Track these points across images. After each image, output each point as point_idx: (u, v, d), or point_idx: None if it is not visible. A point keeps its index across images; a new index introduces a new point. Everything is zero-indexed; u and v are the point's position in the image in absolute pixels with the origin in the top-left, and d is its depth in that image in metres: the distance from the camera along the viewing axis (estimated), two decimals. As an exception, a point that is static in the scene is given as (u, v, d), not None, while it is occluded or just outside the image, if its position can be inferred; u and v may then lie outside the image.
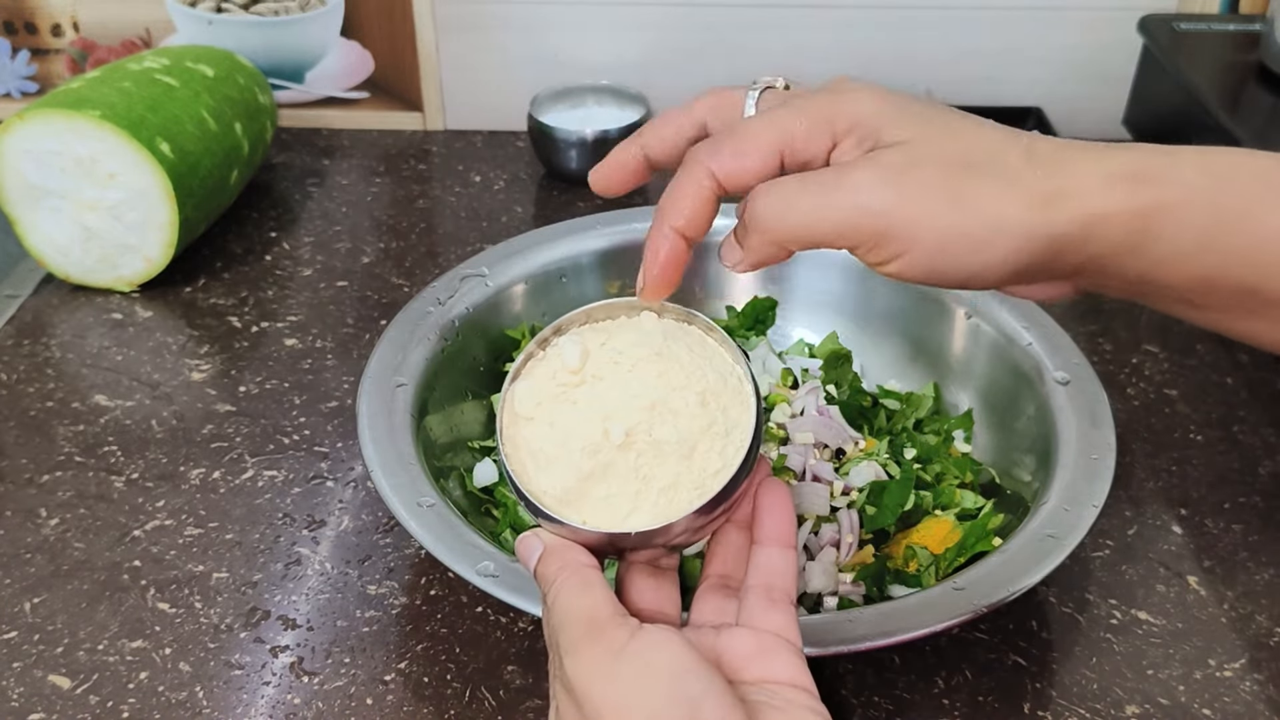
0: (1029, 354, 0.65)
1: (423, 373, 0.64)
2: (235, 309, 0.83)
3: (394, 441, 0.59)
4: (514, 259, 0.72)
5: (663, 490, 0.41)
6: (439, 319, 0.67)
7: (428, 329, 0.66)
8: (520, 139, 1.05)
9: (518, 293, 0.72)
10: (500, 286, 0.71)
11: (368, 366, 0.63)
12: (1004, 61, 1.03)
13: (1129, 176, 0.39)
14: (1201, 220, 0.39)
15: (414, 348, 0.65)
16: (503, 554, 0.53)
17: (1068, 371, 0.63)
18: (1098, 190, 0.39)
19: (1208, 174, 0.39)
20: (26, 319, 0.82)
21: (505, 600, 0.51)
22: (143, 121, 0.80)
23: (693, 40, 1.03)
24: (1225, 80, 0.89)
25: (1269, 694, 0.56)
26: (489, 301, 0.70)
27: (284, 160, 1.03)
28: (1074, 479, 0.57)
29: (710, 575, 0.45)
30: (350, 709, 0.55)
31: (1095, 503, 0.55)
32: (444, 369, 0.66)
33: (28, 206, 0.83)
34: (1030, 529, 0.55)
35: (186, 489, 0.68)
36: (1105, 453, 0.58)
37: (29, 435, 0.71)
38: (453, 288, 0.69)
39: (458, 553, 0.53)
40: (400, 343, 0.65)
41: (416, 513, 0.55)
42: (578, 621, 0.38)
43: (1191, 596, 0.62)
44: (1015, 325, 0.67)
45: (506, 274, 0.71)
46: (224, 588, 0.61)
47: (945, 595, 0.51)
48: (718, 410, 0.41)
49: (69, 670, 0.57)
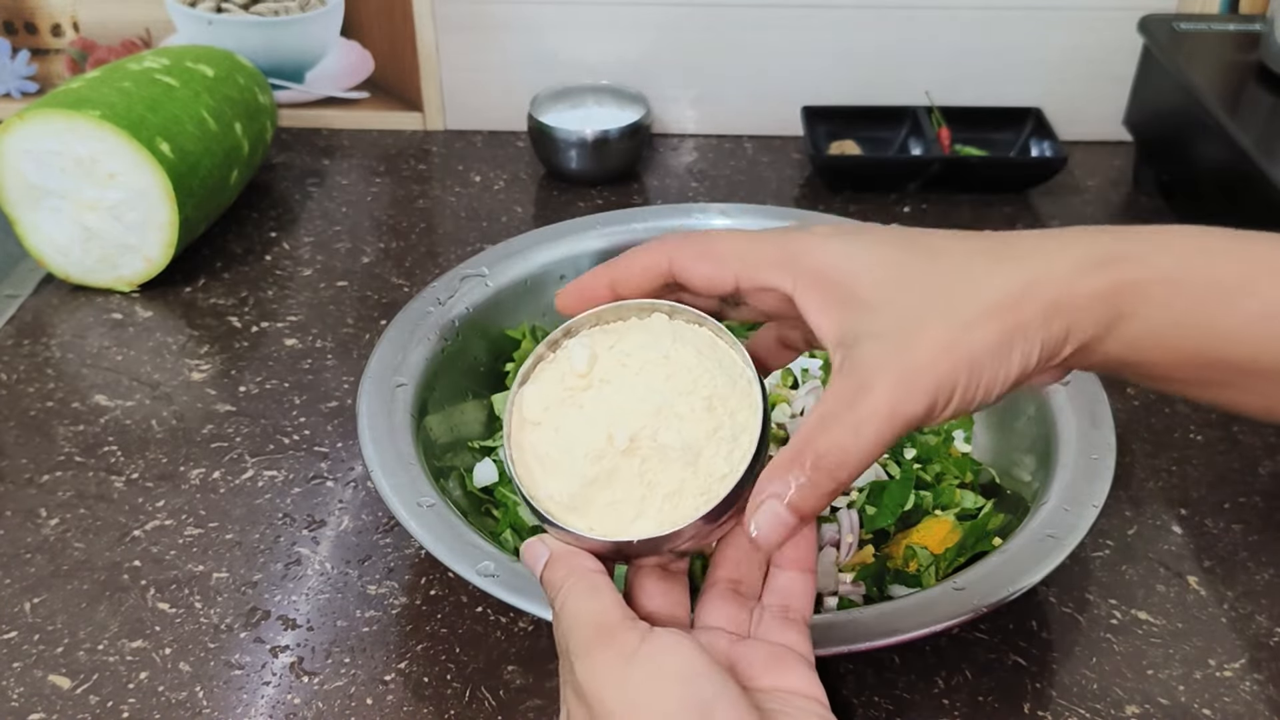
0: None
1: (423, 373, 0.64)
2: (235, 309, 0.83)
3: (394, 441, 0.59)
4: (514, 259, 0.72)
5: (668, 496, 0.41)
6: (439, 319, 0.67)
7: (428, 329, 0.66)
8: (520, 139, 1.05)
9: (517, 293, 0.72)
10: (500, 286, 0.71)
11: (368, 366, 0.63)
12: (1004, 61, 1.03)
13: (1098, 261, 0.39)
14: (1177, 301, 0.39)
15: (414, 348, 0.65)
16: (503, 554, 0.53)
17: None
18: (1065, 277, 0.39)
19: (1180, 254, 0.39)
20: (26, 319, 0.82)
21: (505, 600, 0.51)
22: (143, 121, 0.80)
23: (693, 40, 1.03)
24: (1225, 80, 0.89)
25: (1269, 694, 0.56)
26: (489, 301, 0.70)
27: (284, 160, 1.03)
28: (1074, 479, 0.57)
29: (719, 580, 0.44)
30: (350, 709, 0.55)
31: (1095, 503, 0.55)
32: (444, 369, 0.66)
33: (28, 206, 0.83)
34: (1030, 529, 0.55)
35: (186, 489, 0.68)
36: (1105, 453, 0.58)
37: (29, 435, 0.71)
38: (453, 288, 0.69)
39: (458, 553, 0.53)
40: (400, 343, 0.65)
41: (416, 513, 0.55)
42: (587, 626, 0.38)
43: (1191, 596, 0.62)
44: None
45: (506, 274, 0.71)
46: (224, 588, 0.61)
47: (945, 595, 0.51)
48: (725, 414, 0.41)
49: (69, 670, 0.57)
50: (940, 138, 0.99)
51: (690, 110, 1.06)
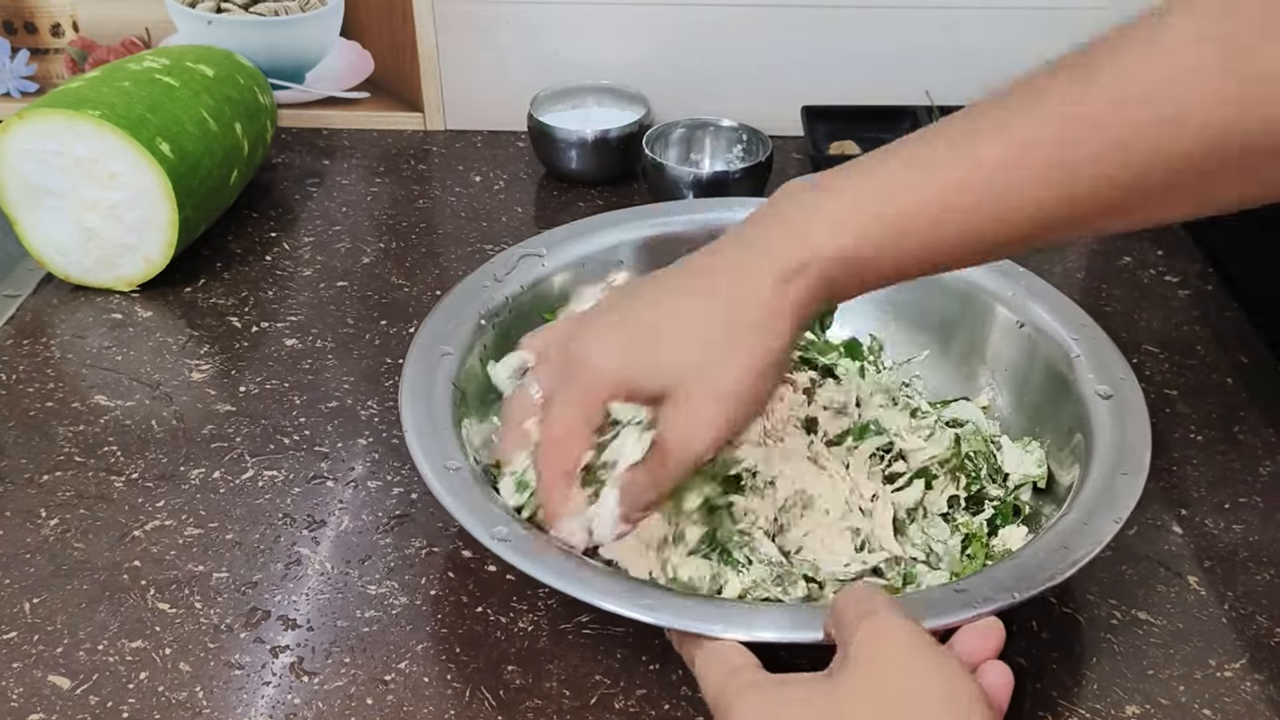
0: (1074, 365, 0.65)
1: (467, 345, 0.66)
2: (235, 309, 0.83)
3: (430, 406, 0.60)
4: (573, 241, 0.73)
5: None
6: (493, 294, 0.69)
7: (480, 303, 0.68)
8: (520, 139, 1.05)
9: (572, 275, 0.72)
10: (556, 267, 0.72)
11: (419, 332, 0.65)
12: (1004, 61, 1.02)
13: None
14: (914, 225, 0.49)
15: (465, 320, 0.67)
16: (519, 525, 0.54)
17: (1111, 385, 0.63)
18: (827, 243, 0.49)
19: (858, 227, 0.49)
20: (26, 319, 0.82)
21: (516, 565, 0.51)
22: (143, 121, 0.80)
23: (693, 40, 1.03)
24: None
25: (1269, 694, 0.56)
26: (543, 281, 0.71)
27: (284, 160, 1.03)
28: (1100, 494, 0.56)
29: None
30: (350, 709, 0.55)
31: (1117, 518, 0.54)
32: (492, 343, 0.67)
33: (28, 206, 0.83)
34: (1045, 539, 0.54)
35: (186, 489, 0.68)
36: (1136, 471, 0.57)
37: (29, 435, 0.71)
38: (510, 264, 0.71)
39: (476, 515, 0.53)
40: (453, 311, 0.67)
41: (441, 474, 0.55)
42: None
43: (1191, 596, 0.62)
44: (1064, 335, 0.66)
45: (564, 255, 0.73)
46: (224, 588, 0.61)
47: (946, 596, 0.51)
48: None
49: (69, 670, 0.57)
50: (940, 138, 0.99)
51: (690, 110, 1.06)
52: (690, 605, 0.51)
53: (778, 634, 0.49)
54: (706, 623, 0.49)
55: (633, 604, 0.50)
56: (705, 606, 0.51)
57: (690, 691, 0.56)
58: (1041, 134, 0.46)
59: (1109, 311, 0.83)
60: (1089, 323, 0.67)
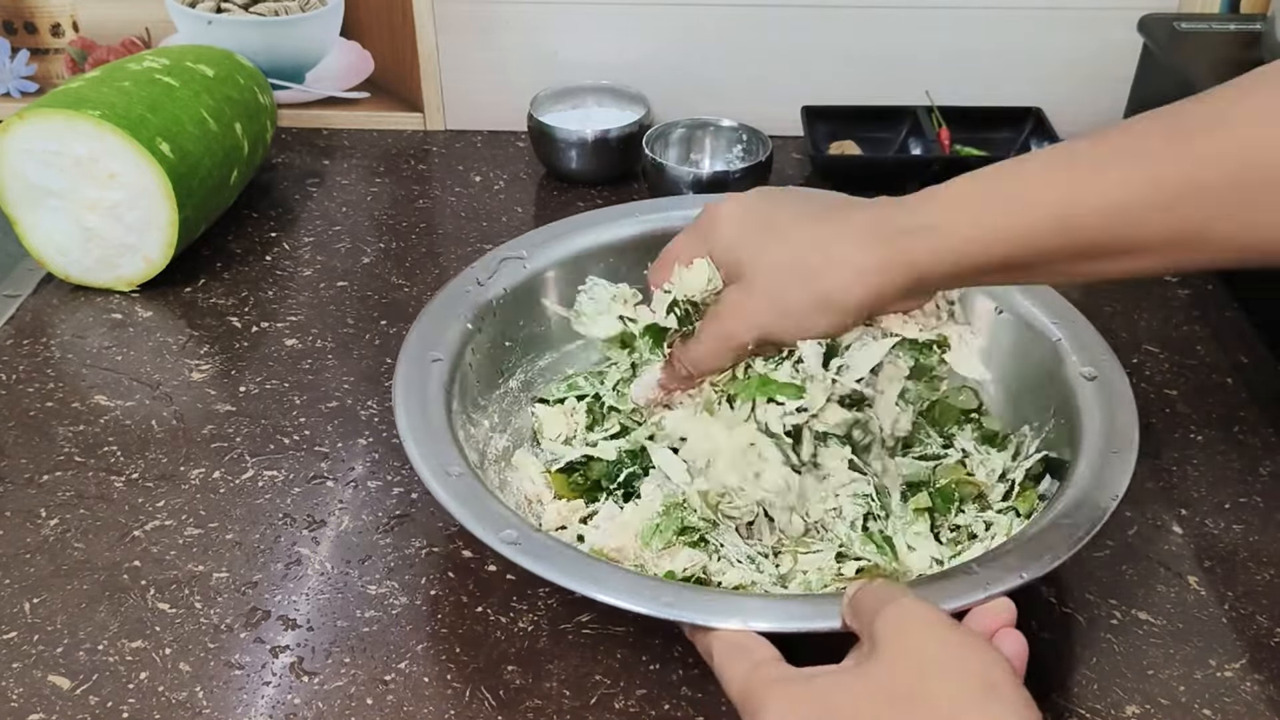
0: (1056, 349, 0.65)
1: (457, 349, 0.66)
2: (235, 309, 0.83)
3: (426, 413, 0.60)
4: (553, 244, 0.73)
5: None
6: (477, 298, 0.69)
7: (465, 307, 0.68)
8: (520, 139, 1.05)
9: (553, 276, 0.72)
10: (537, 269, 0.72)
11: (406, 340, 0.65)
12: (1004, 61, 1.03)
13: (886, 235, 0.54)
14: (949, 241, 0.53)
15: (451, 324, 0.67)
16: (525, 526, 0.54)
17: (1094, 367, 0.63)
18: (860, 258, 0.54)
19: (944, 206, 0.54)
20: (26, 319, 0.82)
21: (528, 568, 0.51)
22: (143, 121, 0.80)
23: (693, 40, 1.03)
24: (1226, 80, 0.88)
25: (1269, 694, 0.56)
26: (526, 283, 0.71)
27: (284, 160, 1.03)
28: (1096, 473, 0.57)
29: None
30: (350, 709, 0.55)
31: (1114, 494, 0.55)
32: (478, 347, 0.68)
33: (28, 206, 0.83)
34: (1044, 521, 0.55)
35: (186, 489, 0.68)
36: (1127, 448, 0.58)
37: (29, 435, 0.71)
38: (491, 268, 0.71)
39: (482, 520, 0.53)
40: (439, 318, 0.67)
41: (444, 481, 0.56)
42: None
43: (1191, 596, 0.62)
44: (1044, 320, 0.67)
45: (545, 257, 0.73)
46: (224, 588, 0.61)
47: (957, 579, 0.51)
48: None
49: (69, 670, 0.57)
50: (940, 138, 0.99)
51: (690, 110, 1.06)
52: (710, 600, 0.51)
53: (798, 624, 0.49)
54: (723, 617, 0.49)
55: (652, 602, 0.50)
56: (724, 600, 0.52)
57: (690, 691, 0.56)
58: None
59: (1109, 311, 0.83)
60: (1068, 307, 0.67)
